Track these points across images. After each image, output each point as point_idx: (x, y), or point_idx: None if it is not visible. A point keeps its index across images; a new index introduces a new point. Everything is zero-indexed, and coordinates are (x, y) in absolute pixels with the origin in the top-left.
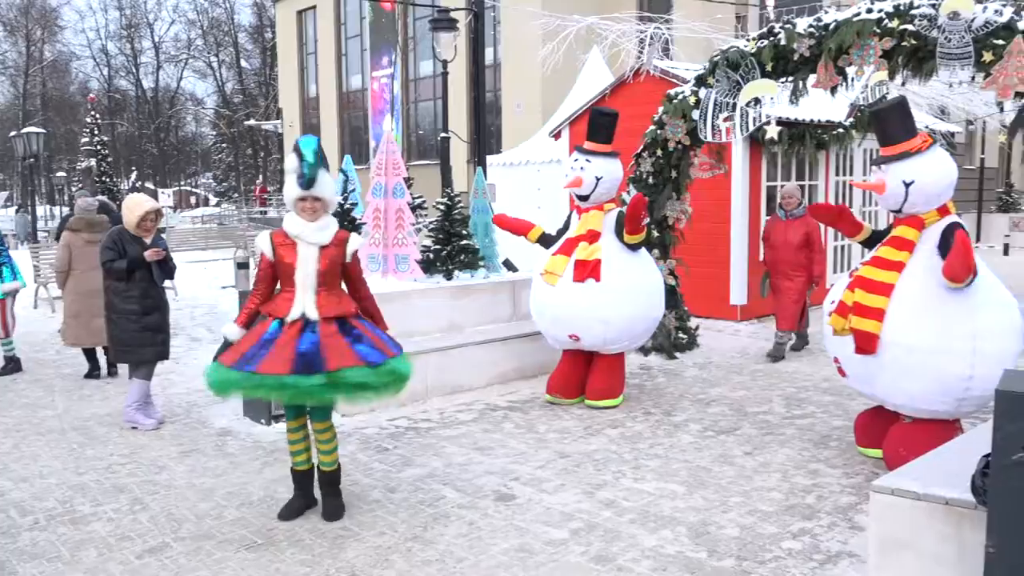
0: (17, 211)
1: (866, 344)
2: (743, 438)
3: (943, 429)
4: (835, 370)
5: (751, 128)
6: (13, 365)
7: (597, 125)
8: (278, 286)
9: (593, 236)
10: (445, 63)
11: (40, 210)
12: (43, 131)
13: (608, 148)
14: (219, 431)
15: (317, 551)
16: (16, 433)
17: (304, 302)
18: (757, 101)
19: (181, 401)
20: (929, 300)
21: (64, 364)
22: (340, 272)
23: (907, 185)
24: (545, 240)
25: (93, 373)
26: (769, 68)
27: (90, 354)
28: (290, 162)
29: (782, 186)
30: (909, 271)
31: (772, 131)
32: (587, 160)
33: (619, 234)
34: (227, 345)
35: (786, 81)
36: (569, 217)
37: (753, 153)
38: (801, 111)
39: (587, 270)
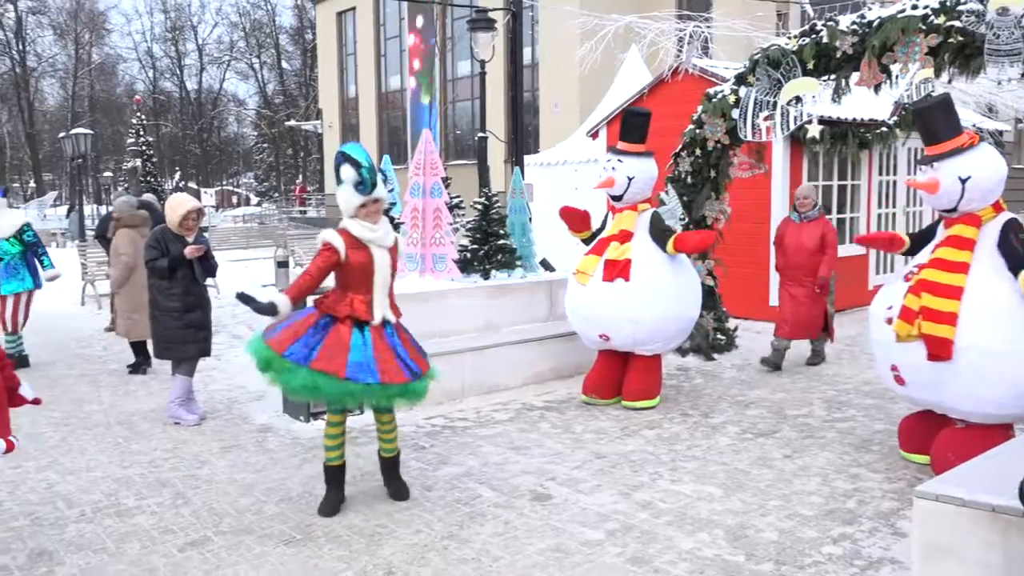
0: (69, 212)
1: (940, 350)
2: (782, 441)
3: (996, 434)
4: (877, 373)
5: (792, 127)
6: (19, 361)
7: (630, 125)
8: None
9: (625, 236)
10: (483, 63)
11: (87, 209)
12: (91, 132)
13: (641, 148)
14: (259, 427)
15: (354, 547)
16: (64, 427)
17: (383, 306)
18: (798, 99)
19: (222, 397)
20: (1002, 301)
21: (110, 360)
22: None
23: (963, 181)
24: (588, 241)
25: (142, 368)
26: (811, 66)
27: (140, 347)
28: (347, 172)
29: (805, 188)
30: (976, 272)
31: (814, 130)
32: (619, 160)
33: (656, 237)
34: (268, 312)
35: (828, 79)
36: (606, 217)
37: (794, 152)
38: (844, 109)
39: (617, 270)
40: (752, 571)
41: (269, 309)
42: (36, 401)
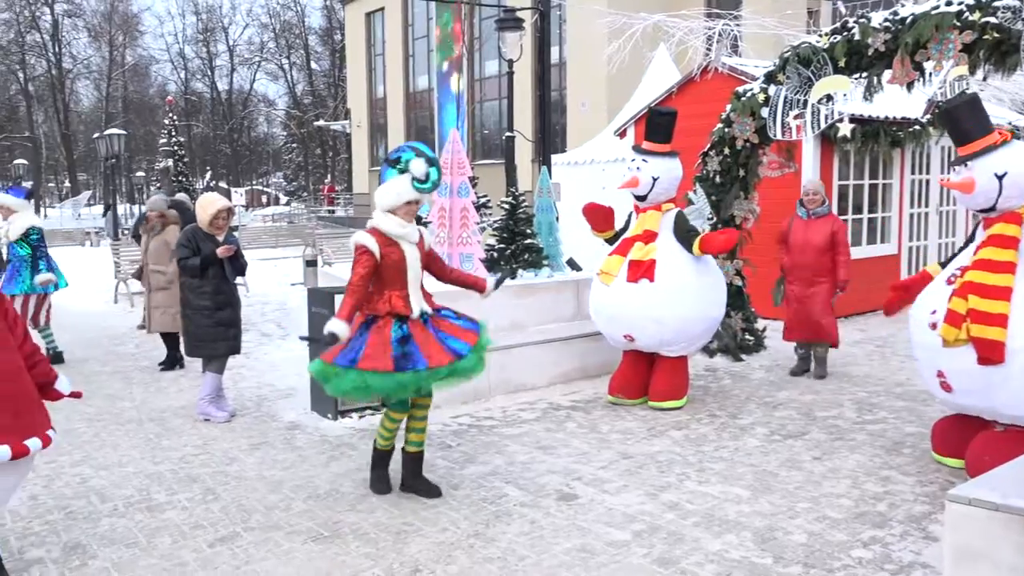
0: (106, 211)
1: (992, 353)
2: (811, 443)
3: None
4: (908, 375)
5: (823, 126)
6: (53, 356)
7: (655, 124)
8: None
9: (649, 236)
10: (511, 63)
11: (120, 209)
12: (124, 132)
13: (666, 148)
14: (288, 425)
15: (381, 545)
16: (97, 423)
17: (419, 298)
18: (829, 98)
19: (252, 395)
20: None
21: (142, 357)
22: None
23: (1000, 178)
24: (612, 240)
25: (180, 361)
26: (842, 64)
27: (174, 342)
28: (418, 166)
29: (818, 186)
30: (1023, 271)
31: (845, 128)
32: (644, 160)
33: (681, 238)
34: (332, 342)
35: (860, 77)
36: (629, 217)
37: (824, 151)
38: (875, 108)
39: (641, 270)
40: (780, 574)
41: (332, 340)
42: (76, 394)
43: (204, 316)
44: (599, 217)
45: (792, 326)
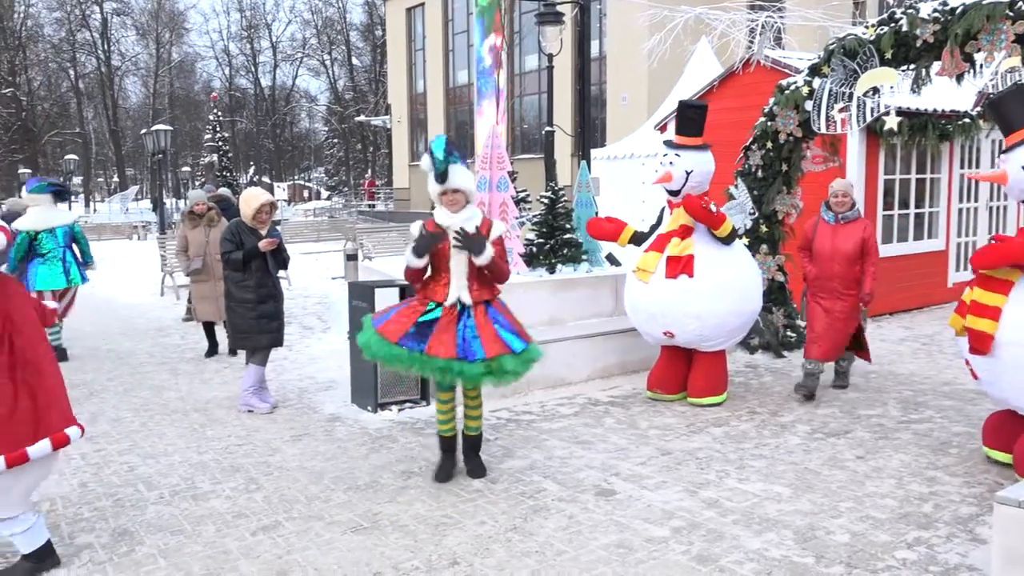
0: (155, 207)
1: (979, 344)
2: (855, 441)
3: None
4: (956, 373)
5: (868, 119)
6: (58, 354)
7: (686, 118)
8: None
9: (686, 231)
10: (550, 57)
11: (169, 202)
12: (170, 128)
13: (698, 141)
14: (328, 417)
15: (420, 537)
16: (144, 412)
17: (459, 288)
18: (875, 90)
19: (293, 387)
20: None
21: (187, 349)
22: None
23: None
24: (637, 239)
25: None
26: (889, 56)
27: (210, 331)
28: (424, 162)
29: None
30: None
31: (891, 122)
32: (676, 155)
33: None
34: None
35: (907, 69)
36: (662, 212)
37: (870, 145)
38: (923, 100)
39: (679, 266)
40: (821, 573)
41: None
42: (53, 311)
43: (247, 309)
44: (607, 232)
45: (817, 342)
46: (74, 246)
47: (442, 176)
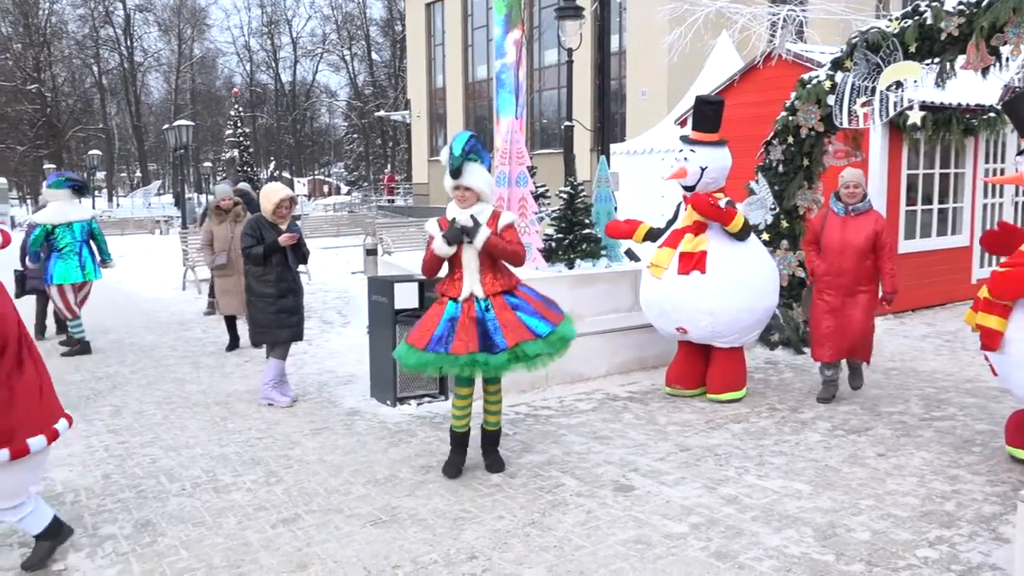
0: (177, 201)
1: (989, 340)
2: (876, 439)
3: None
4: (979, 370)
5: (891, 113)
6: (82, 347)
7: (701, 114)
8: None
9: (699, 227)
10: (570, 51)
11: (194, 198)
12: (192, 124)
13: (714, 137)
14: (348, 411)
15: (438, 531)
16: (166, 405)
17: (471, 283)
18: (899, 84)
19: (313, 381)
20: None
21: (209, 342)
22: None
23: None
24: (652, 235)
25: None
26: (913, 49)
27: (232, 325)
28: (443, 155)
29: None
30: None
31: (915, 116)
32: (691, 150)
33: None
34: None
35: (931, 63)
36: (678, 207)
37: (893, 139)
38: (948, 94)
39: (692, 262)
40: (841, 571)
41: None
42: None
43: (267, 303)
44: (624, 233)
45: (824, 343)
46: (91, 242)
47: (455, 172)
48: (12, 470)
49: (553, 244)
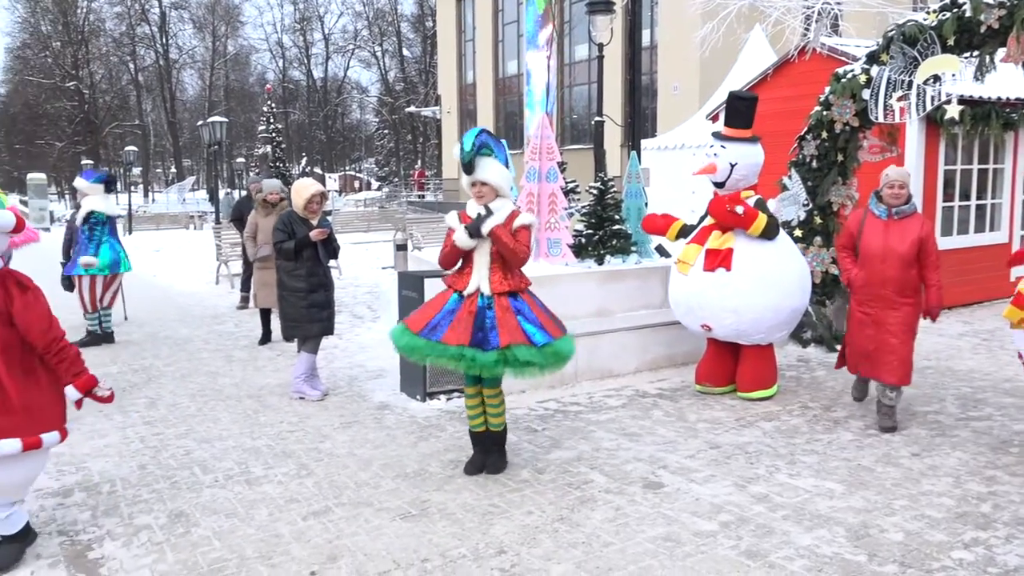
0: (211, 197)
1: None
2: (910, 438)
3: None
4: (1017, 369)
5: (928, 108)
6: (91, 339)
7: (734, 110)
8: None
9: (722, 219)
10: (601, 46)
11: (221, 193)
12: (226, 120)
13: (747, 134)
14: (378, 405)
15: (467, 525)
16: (200, 398)
17: (479, 278)
18: (936, 78)
19: (343, 375)
20: None
21: (241, 336)
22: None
23: None
24: (685, 231)
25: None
26: (951, 42)
27: (267, 319)
28: (455, 152)
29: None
30: None
31: (953, 110)
32: (722, 146)
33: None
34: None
35: (970, 56)
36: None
37: (930, 134)
38: (987, 88)
39: (718, 259)
40: (874, 572)
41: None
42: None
43: (298, 298)
44: (660, 227)
45: (859, 357)
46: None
47: (468, 167)
48: (22, 464)
49: (583, 240)
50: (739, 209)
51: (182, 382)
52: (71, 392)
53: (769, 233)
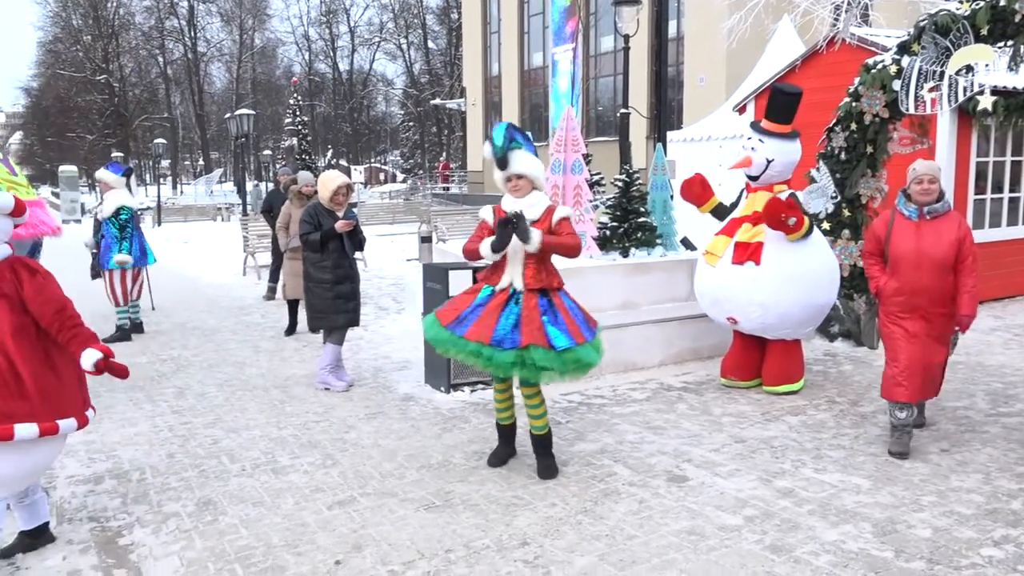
0: (239, 189)
1: None
2: (939, 434)
3: None
4: None
5: (960, 99)
6: (121, 334)
7: (777, 104)
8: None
9: (758, 218)
10: (627, 38)
11: (249, 185)
12: (252, 113)
13: (786, 129)
14: (402, 396)
15: (491, 517)
16: (227, 388)
17: (513, 273)
18: (969, 69)
19: (369, 366)
20: None
21: (268, 327)
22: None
23: None
24: (719, 212)
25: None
26: (984, 32)
27: (294, 310)
28: (486, 150)
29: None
30: None
31: (986, 101)
32: (760, 140)
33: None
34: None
35: (1004, 46)
36: (741, 193)
37: (962, 126)
38: (1021, 79)
39: (747, 252)
40: (901, 568)
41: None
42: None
43: (324, 289)
44: (695, 189)
45: (903, 381)
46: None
47: (502, 162)
48: (36, 451)
49: (608, 232)
50: (791, 221)
51: (210, 372)
52: (89, 354)
53: (804, 238)
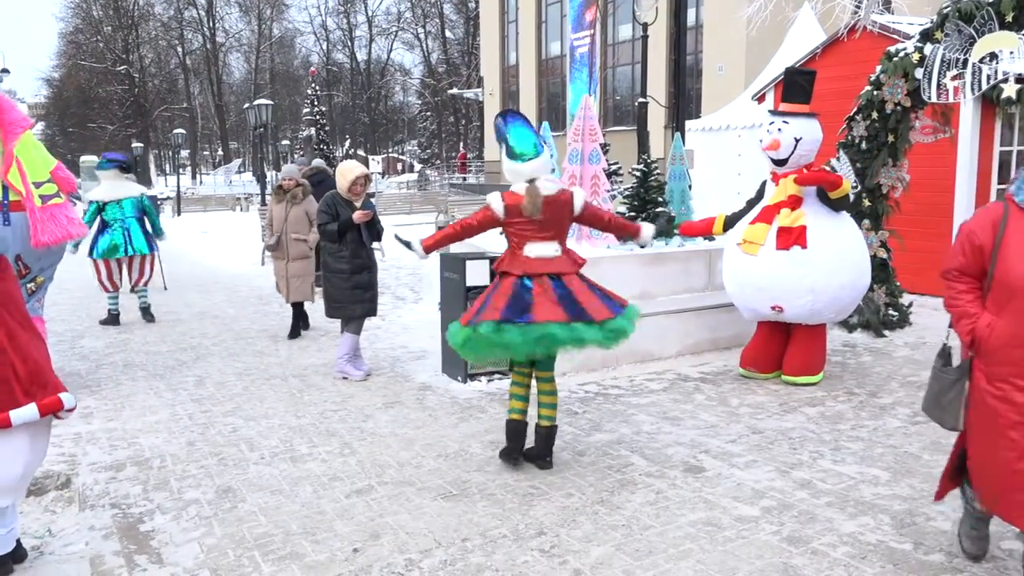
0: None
1: None
2: None
3: None
4: None
5: (984, 87)
6: (110, 318)
7: (794, 85)
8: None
9: (795, 201)
10: (645, 26)
11: (269, 175)
12: (271, 103)
13: (806, 109)
14: (420, 386)
15: (508, 506)
16: (246, 377)
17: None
18: (993, 56)
19: (386, 356)
20: None
21: (286, 316)
22: (568, 229)
23: None
24: (731, 221)
25: (304, 327)
26: (1009, 19)
27: (300, 310)
28: (522, 163)
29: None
30: None
31: (1010, 89)
32: (784, 121)
33: (821, 195)
34: (407, 246)
35: None
36: (762, 186)
37: (985, 114)
38: None
39: (792, 237)
40: (920, 561)
41: (407, 246)
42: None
43: (342, 279)
44: (701, 229)
45: (1003, 486)
46: (144, 218)
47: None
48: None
49: None
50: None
51: (229, 361)
52: None
53: (845, 202)
